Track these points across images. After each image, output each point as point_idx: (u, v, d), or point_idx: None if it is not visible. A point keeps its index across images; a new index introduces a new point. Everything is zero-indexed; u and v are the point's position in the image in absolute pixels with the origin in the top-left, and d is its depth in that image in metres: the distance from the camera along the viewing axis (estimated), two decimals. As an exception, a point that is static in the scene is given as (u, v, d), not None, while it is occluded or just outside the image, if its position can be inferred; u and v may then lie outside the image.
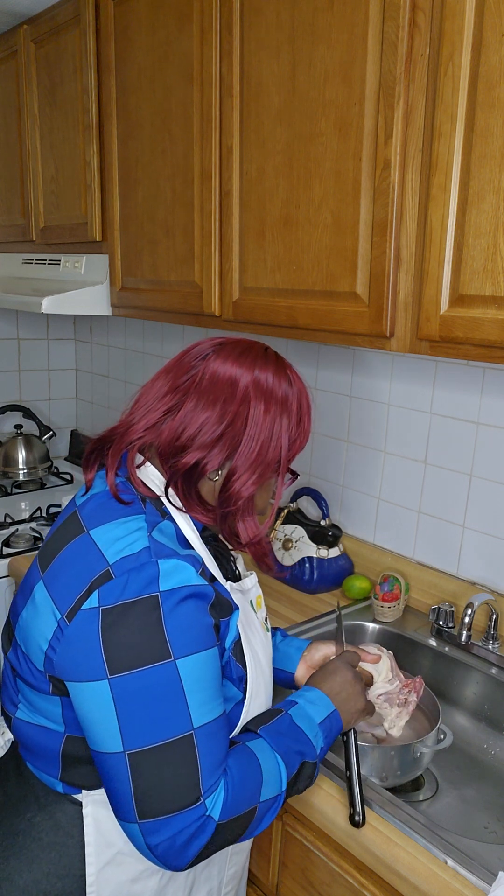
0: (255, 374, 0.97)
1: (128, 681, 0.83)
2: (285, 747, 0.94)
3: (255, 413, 0.95)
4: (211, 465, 0.95)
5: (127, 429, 1.00)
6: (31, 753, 0.98)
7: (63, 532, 0.95)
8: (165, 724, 0.83)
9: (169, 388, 0.98)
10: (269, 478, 1.00)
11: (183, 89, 1.55)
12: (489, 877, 0.93)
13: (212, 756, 0.85)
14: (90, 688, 0.84)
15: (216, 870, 1.06)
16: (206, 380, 0.96)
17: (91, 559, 0.88)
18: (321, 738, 0.99)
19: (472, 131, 1.04)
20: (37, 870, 0.94)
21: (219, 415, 0.94)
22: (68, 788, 0.95)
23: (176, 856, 0.84)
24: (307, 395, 1.03)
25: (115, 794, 0.85)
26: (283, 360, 1.02)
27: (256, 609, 1.06)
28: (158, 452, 0.98)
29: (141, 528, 0.90)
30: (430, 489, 1.65)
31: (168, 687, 0.83)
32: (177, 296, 1.67)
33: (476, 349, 1.10)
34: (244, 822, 0.88)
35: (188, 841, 0.83)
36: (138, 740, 0.83)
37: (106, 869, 0.95)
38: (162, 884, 0.99)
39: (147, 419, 0.98)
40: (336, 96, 1.22)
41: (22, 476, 2.60)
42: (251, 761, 0.91)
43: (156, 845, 0.83)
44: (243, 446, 0.95)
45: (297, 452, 1.03)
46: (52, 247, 2.18)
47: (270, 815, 0.92)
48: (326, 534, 1.78)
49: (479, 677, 1.45)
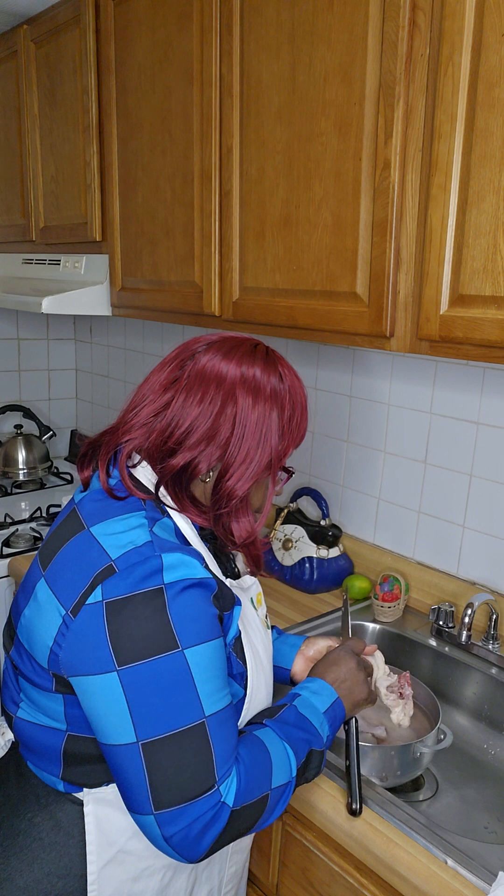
0: (242, 371, 0.96)
1: (137, 671, 0.83)
2: (292, 736, 0.95)
3: (242, 411, 0.94)
4: (202, 466, 0.95)
5: (118, 430, 0.99)
6: (33, 753, 0.98)
7: (63, 530, 0.95)
8: (178, 713, 0.84)
9: (158, 388, 0.98)
10: (263, 476, 0.99)
11: (183, 89, 1.55)
12: (489, 877, 0.93)
13: (225, 743, 0.86)
14: (99, 680, 0.84)
15: (217, 869, 1.06)
16: (193, 379, 0.96)
17: (93, 555, 0.88)
18: (326, 726, 1.00)
19: (472, 131, 1.04)
20: (38, 870, 0.94)
21: (206, 414, 0.94)
22: (69, 787, 0.95)
23: (192, 846, 0.84)
24: (301, 390, 1.02)
25: (129, 786, 0.85)
26: (274, 356, 1.01)
27: (257, 606, 1.06)
28: (147, 455, 0.97)
29: (142, 524, 0.90)
30: (429, 489, 1.65)
31: (178, 676, 0.84)
32: (177, 296, 1.67)
33: (476, 349, 1.10)
34: (258, 809, 0.89)
35: (203, 829, 0.83)
36: (152, 730, 0.83)
37: (107, 868, 0.95)
38: (164, 883, 0.99)
39: (136, 420, 0.98)
40: (336, 96, 1.22)
41: (22, 476, 2.60)
42: (261, 749, 0.91)
43: (172, 835, 0.83)
44: (233, 446, 0.95)
45: (290, 449, 1.01)
46: (52, 247, 2.18)
47: (282, 803, 0.93)
48: (326, 534, 1.78)
49: (479, 677, 1.45)
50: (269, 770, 0.91)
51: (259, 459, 0.96)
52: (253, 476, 0.96)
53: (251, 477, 0.96)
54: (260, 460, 0.96)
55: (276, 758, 0.92)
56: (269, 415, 0.96)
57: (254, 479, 0.97)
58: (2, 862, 0.95)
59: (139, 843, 0.95)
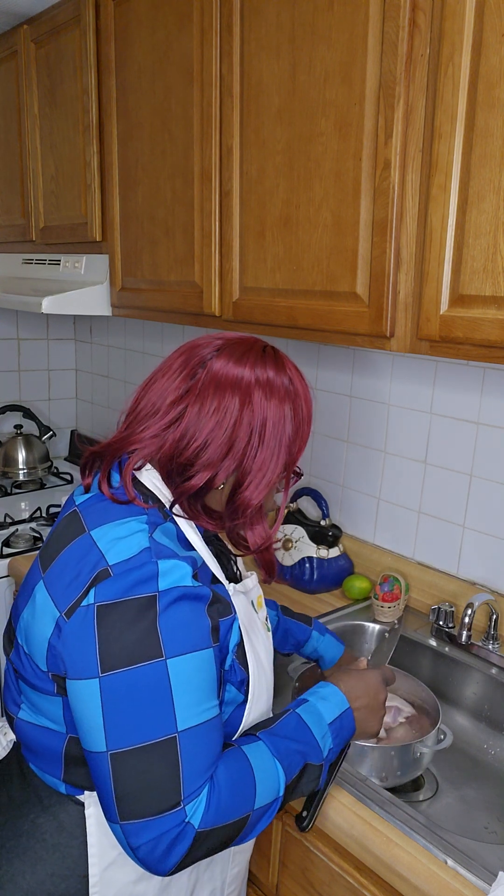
0: (256, 375, 0.94)
1: (116, 679, 0.83)
2: (285, 749, 0.91)
3: (260, 416, 0.93)
4: (219, 479, 0.93)
5: (125, 441, 0.97)
6: (34, 754, 0.97)
7: (64, 532, 0.95)
8: (148, 726, 0.82)
9: (170, 400, 0.95)
10: (277, 481, 0.98)
11: (183, 89, 1.55)
12: (489, 877, 0.93)
13: (197, 761, 0.83)
14: (83, 685, 0.84)
15: (219, 870, 1.06)
16: (208, 386, 0.93)
17: (92, 559, 0.88)
18: (329, 738, 0.95)
19: (472, 131, 1.04)
20: (40, 871, 0.94)
21: (223, 424, 0.92)
22: (71, 789, 0.95)
23: (158, 861, 0.82)
24: (306, 389, 1.00)
25: (100, 793, 0.85)
26: (281, 357, 1.00)
27: (258, 609, 1.06)
28: (160, 467, 0.95)
29: (142, 529, 0.89)
30: (430, 489, 1.65)
31: (155, 687, 0.82)
32: (177, 296, 1.67)
33: (476, 349, 1.10)
34: (234, 829, 0.86)
35: (169, 847, 0.81)
36: (120, 741, 0.82)
37: (109, 870, 0.95)
38: (164, 884, 0.98)
39: (147, 433, 0.95)
40: (336, 96, 1.22)
41: (22, 476, 2.60)
42: (243, 769, 0.87)
43: (137, 847, 0.82)
44: (249, 455, 0.93)
45: (302, 451, 1.00)
46: (52, 247, 2.18)
47: (266, 819, 0.89)
48: (326, 534, 1.78)
49: (479, 677, 1.45)
50: (252, 790, 0.87)
51: (275, 466, 0.95)
52: (269, 483, 0.95)
53: (267, 485, 0.95)
54: (275, 466, 0.95)
55: (261, 777, 0.88)
56: (285, 417, 0.95)
57: (269, 486, 0.95)
58: (5, 863, 0.95)
59: None
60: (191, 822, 0.81)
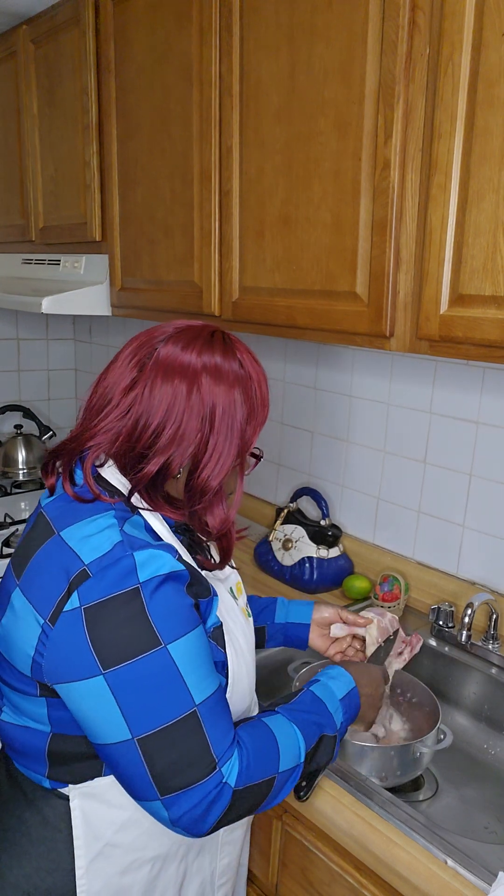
0: (203, 361, 0.94)
1: (123, 672, 0.83)
2: (303, 719, 0.97)
3: (209, 401, 0.92)
4: (174, 465, 0.93)
5: (81, 437, 0.97)
6: (18, 753, 0.98)
7: (33, 536, 0.94)
8: (169, 707, 0.85)
9: (120, 390, 0.95)
10: (234, 465, 0.97)
11: (182, 89, 1.54)
12: (489, 877, 0.93)
13: (219, 726, 0.87)
14: (86, 685, 0.84)
15: (207, 860, 1.06)
16: (156, 375, 0.93)
17: (65, 560, 0.87)
18: (341, 712, 1.01)
19: (471, 131, 1.04)
20: (27, 865, 0.95)
21: (173, 411, 0.92)
22: (55, 783, 0.95)
23: (197, 823, 0.86)
24: (260, 373, 0.99)
25: (130, 778, 0.86)
26: (231, 342, 0.99)
27: (237, 595, 1.06)
28: (115, 458, 0.95)
29: (111, 524, 0.89)
30: (429, 489, 1.65)
31: (165, 672, 0.85)
32: (176, 296, 1.67)
33: (476, 349, 1.10)
34: (263, 790, 0.90)
35: (208, 808, 0.85)
36: (145, 725, 0.84)
37: (95, 862, 0.95)
38: (152, 875, 0.99)
39: (101, 426, 0.95)
40: (335, 96, 1.21)
41: (22, 476, 2.60)
42: (265, 734, 0.93)
43: (179, 817, 0.85)
44: (202, 439, 0.93)
45: (256, 434, 0.99)
46: (51, 247, 2.18)
47: (289, 785, 0.94)
48: (326, 534, 1.78)
49: (479, 677, 1.45)
50: (276, 753, 0.92)
51: (229, 449, 0.95)
52: (225, 467, 0.95)
53: (223, 468, 0.95)
54: (230, 450, 0.95)
55: (283, 742, 0.93)
56: (235, 402, 0.95)
57: (226, 469, 0.95)
58: None
59: (126, 836, 0.95)
60: (227, 782, 0.87)
